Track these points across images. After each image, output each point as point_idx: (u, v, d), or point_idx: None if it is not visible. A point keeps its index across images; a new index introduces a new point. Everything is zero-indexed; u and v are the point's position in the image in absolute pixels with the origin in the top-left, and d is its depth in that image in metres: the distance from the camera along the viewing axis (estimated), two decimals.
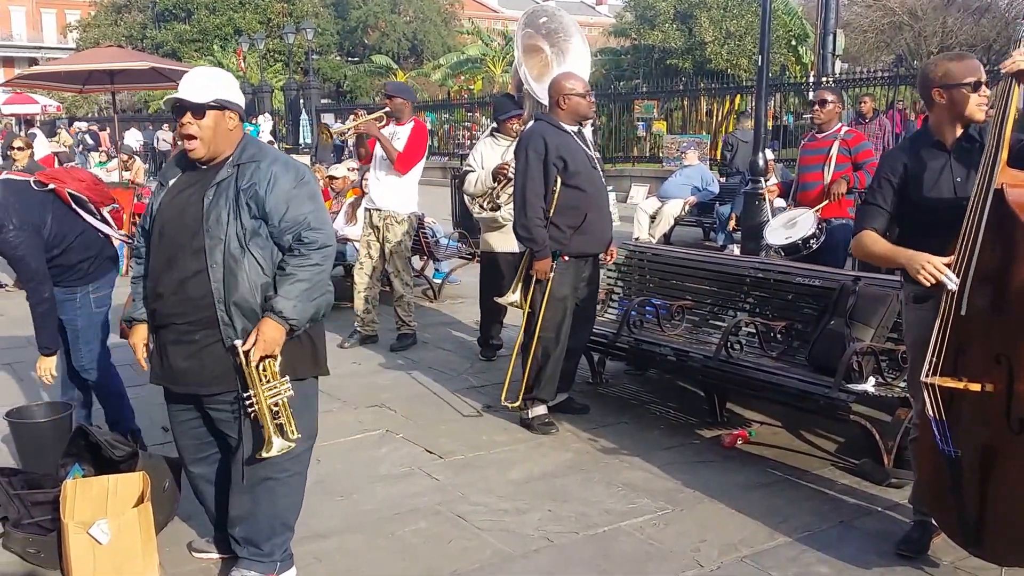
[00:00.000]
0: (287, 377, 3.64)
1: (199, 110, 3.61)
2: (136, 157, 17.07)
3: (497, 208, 7.26)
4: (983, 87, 3.87)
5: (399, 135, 7.72)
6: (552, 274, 5.72)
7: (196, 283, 3.59)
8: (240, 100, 3.76)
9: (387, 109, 7.79)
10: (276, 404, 3.61)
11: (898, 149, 4.38)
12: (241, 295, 3.59)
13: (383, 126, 7.80)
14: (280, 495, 3.85)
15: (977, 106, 3.88)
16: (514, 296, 5.93)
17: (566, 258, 5.74)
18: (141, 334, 3.92)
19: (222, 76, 3.79)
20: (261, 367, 3.57)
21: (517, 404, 5.97)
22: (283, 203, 3.59)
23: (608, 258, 6.16)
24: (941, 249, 3.67)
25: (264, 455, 3.62)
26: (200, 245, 3.58)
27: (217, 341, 3.63)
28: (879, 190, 4.12)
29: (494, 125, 7.62)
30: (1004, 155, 3.56)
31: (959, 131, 3.96)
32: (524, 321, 5.97)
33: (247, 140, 3.77)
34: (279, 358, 3.59)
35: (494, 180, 7.08)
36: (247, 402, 3.59)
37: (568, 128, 5.82)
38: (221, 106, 3.65)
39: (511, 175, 6.55)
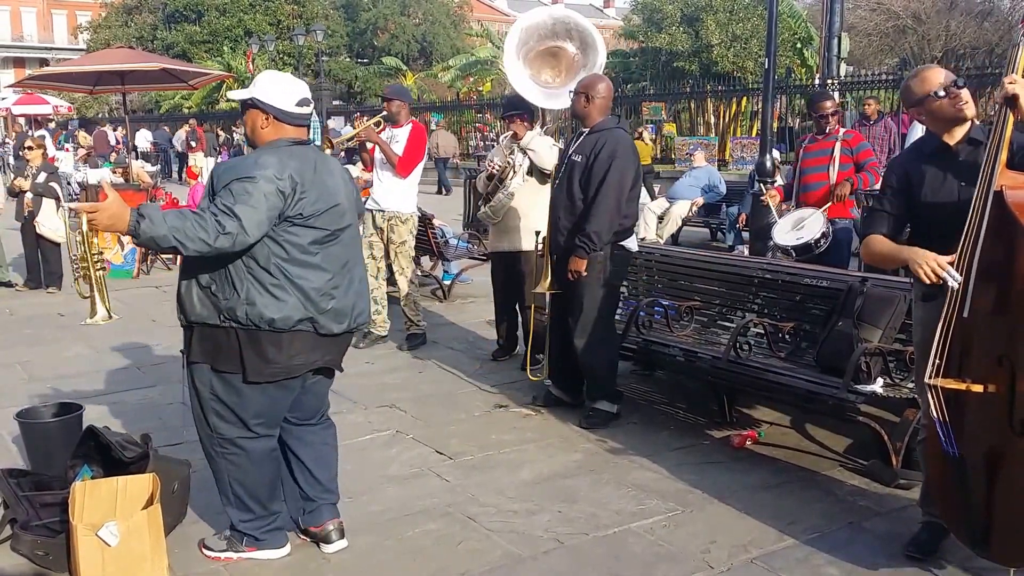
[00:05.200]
0: (104, 255, 3.82)
1: (241, 106, 4.05)
2: (142, 161, 17.12)
3: (487, 201, 7.41)
4: (952, 88, 3.83)
5: (398, 138, 7.76)
6: None
7: None
8: (275, 103, 3.97)
9: (385, 113, 7.85)
10: (98, 278, 3.85)
11: (903, 155, 4.41)
12: (183, 260, 3.91)
13: (381, 130, 7.86)
14: (220, 469, 4.10)
15: (955, 107, 3.86)
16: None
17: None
18: None
19: (266, 78, 4.08)
20: (91, 234, 3.78)
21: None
22: (220, 187, 3.78)
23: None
24: (948, 251, 3.67)
25: (88, 321, 3.92)
26: None
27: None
28: (884, 196, 4.15)
29: None
30: (1004, 157, 3.56)
31: (960, 133, 3.95)
32: None
33: (280, 140, 3.98)
34: (103, 236, 3.79)
35: (488, 178, 7.20)
36: (75, 265, 3.83)
37: (582, 130, 6.07)
38: (252, 104, 3.99)
39: (494, 171, 7.01)
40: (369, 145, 7.88)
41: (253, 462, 4.08)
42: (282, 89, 4.00)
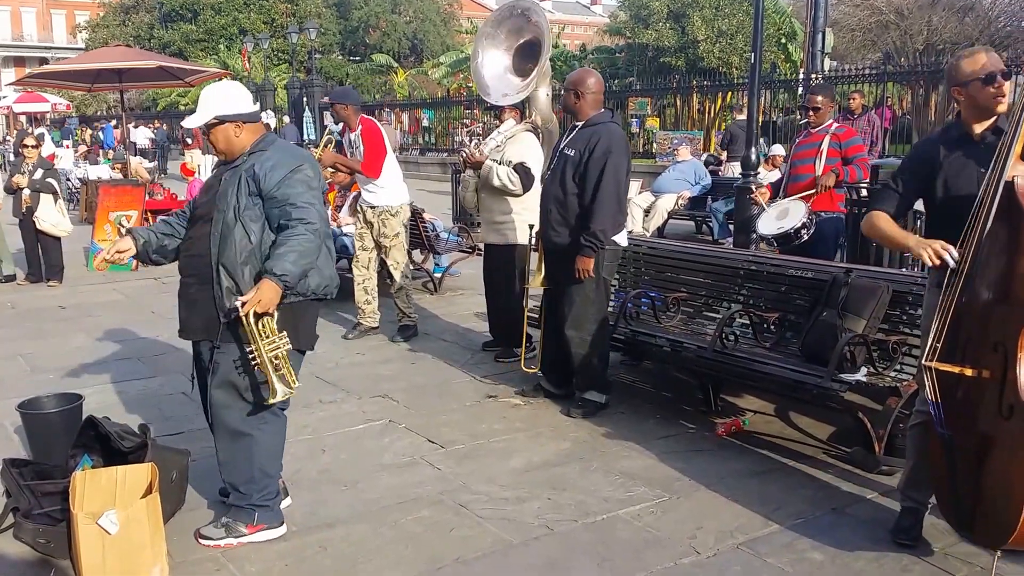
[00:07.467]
0: (285, 332, 4.07)
1: (207, 129, 4.26)
2: (140, 157, 17.13)
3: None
4: (998, 78, 3.88)
5: (356, 143, 7.84)
6: None
7: (201, 244, 4.21)
8: (238, 109, 4.24)
9: (330, 128, 7.92)
10: (276, 357, 4.04)
11: (930, 140, 4.38)
12: (228, 256, 4.13)
13: (342, 134, 8.05)
14: (252, 444, 4.28)
15: (993, 98, 3.91)
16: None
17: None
18: (121, 244, 4.46)
19: (216, 93, 4.29)
20: (260, 324, 3.99)
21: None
22: (275, 183, 4.09)
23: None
24: (961, 239, 3.73)
25: (271, 401, 4.06)
26: (211, 215, 4.18)
27: (208, 297, 4.17)
28: (900, 175, 4.19)
29: None
30: (1018, 148, 3.61)
31: (986, 124, 3.99)
32: None
33: (267, 135, 4.34)
34: (275, 315, 4.05)
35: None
36: (249, 355, 4.04)
37: (575, 124, 6.09)
38: (220, 121, 4.21)
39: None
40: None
41: (279, 427, 4.43)
42: (235, 95, 4.29)
